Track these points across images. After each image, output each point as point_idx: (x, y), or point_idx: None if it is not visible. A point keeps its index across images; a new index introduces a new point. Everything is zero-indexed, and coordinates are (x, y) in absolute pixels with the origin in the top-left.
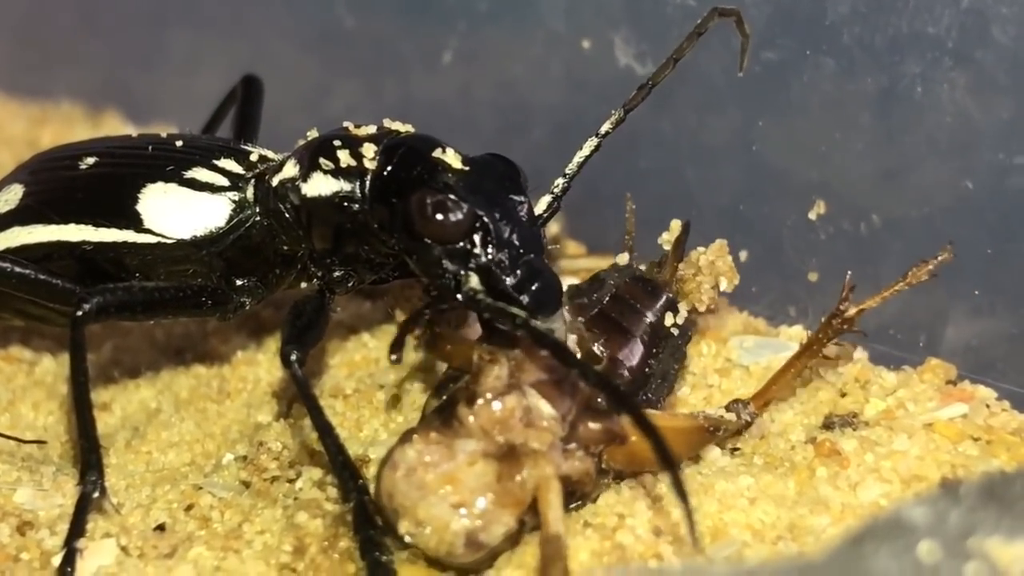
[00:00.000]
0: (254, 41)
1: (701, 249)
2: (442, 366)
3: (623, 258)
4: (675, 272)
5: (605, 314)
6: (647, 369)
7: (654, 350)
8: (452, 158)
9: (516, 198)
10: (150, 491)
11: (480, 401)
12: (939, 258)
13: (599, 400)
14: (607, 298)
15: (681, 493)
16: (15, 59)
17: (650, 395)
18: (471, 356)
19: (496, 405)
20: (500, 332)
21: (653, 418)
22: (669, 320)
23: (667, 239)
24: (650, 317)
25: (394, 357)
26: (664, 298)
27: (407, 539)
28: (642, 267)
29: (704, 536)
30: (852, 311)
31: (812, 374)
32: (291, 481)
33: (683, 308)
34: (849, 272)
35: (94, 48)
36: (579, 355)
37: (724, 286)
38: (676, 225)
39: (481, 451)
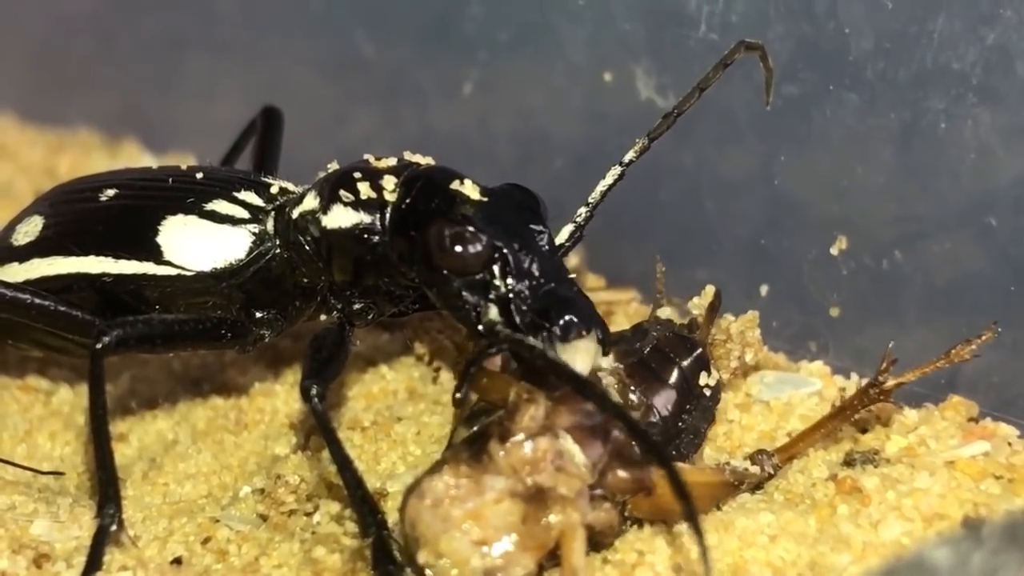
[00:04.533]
0: (272, 69)
1: (731, 318)
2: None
3: (664, 311)
4: (707, 336)
5: (644, 363)
6: (680, 423)
7: (687, 405)
8: (470, 189)
9: (536, 228)
10: (167, 524)
11: (513, 439)
12: (983, 337)
13: (632, 446)
14: (648, 348)
15: (702, 546)
16: (32, 86)
17: (682, 448)
18: (506, 391)
19: (528, 446)
20: (524, 366)
21: (680, 471)
22: (703, 380)
23: (697, 304)
24: (686, 371)
25: (459, 395)
26: (700, 355)
27: (425, 571)
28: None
29: (724, 574)
30: (890, 383)
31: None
32: (309, 515)
33: (714, 371)
34: (892, 342)
35: (111, 75)
36: (617, 399)
37: (749, 358)
38: (709, 291)
39: (509, 490)
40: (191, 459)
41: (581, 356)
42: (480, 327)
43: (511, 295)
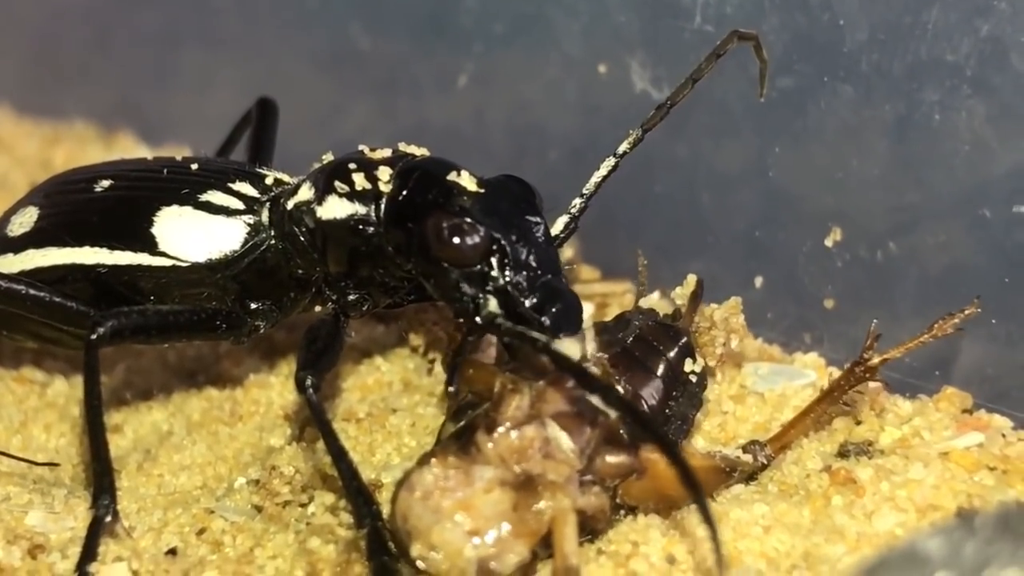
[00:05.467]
0: (268, 62)
1: (715, 305)
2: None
3: (649, 301)
4: (691, 324)
5: (628, 352)
6: (667, 410)
7: (674, 392)
8: (467, 181)
9: (532, 219)
10: (162, 514)
11: (500, 429)
12: (966, 311)
13: (621, 432)
14: (631, 338)
15: (708, 519)
16: (28, 78)
17: (670, 435)
18: (492, 382)
19: (515, 434)
20: (520, 357)
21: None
22: (688, 366)
23: (681, 293)
24: (671, 359)
25: (452, 389)
26: (685, 343)
27: (419, 563)
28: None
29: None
30: (876, 360)
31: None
32: (303, 506)
33: (700, 358)
34: (875, 321)
35: (107, 68)
36: None
37: (735, 344)
38: (692, 280)
39: (498, 479)
40: (186, 450)
41: (566, 351)
42: (479, 318)
43: (509, 286)
